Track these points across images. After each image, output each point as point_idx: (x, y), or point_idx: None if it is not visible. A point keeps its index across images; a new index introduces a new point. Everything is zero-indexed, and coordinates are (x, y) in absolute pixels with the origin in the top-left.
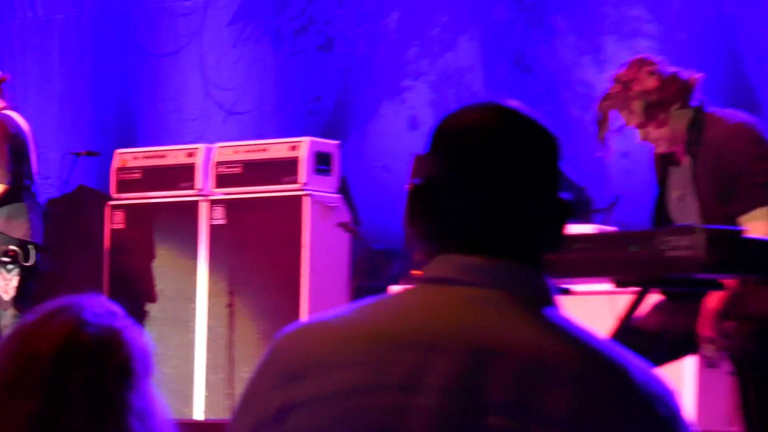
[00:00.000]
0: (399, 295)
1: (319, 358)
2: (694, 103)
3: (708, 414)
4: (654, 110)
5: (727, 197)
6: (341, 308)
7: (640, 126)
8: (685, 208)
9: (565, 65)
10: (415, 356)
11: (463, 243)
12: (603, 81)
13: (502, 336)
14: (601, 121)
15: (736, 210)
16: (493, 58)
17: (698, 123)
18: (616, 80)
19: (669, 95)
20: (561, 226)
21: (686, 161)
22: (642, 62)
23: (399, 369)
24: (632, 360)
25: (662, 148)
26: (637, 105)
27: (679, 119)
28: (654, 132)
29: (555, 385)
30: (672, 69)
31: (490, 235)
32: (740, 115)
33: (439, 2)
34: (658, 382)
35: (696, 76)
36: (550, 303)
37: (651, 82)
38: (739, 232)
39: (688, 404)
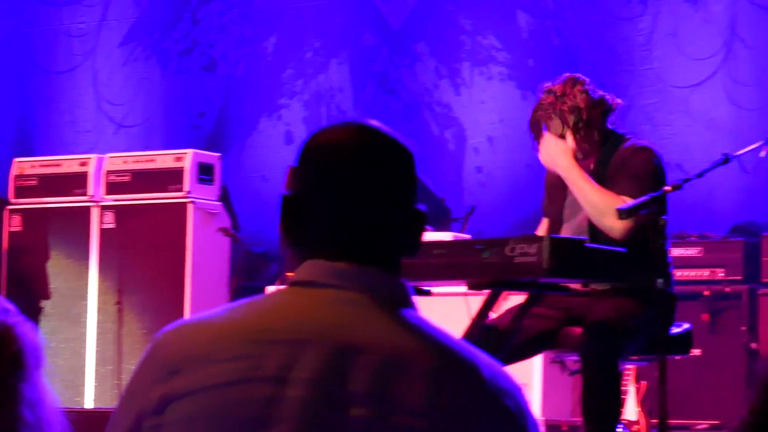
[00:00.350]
0: (270, 296)
1: (196, 353)
2: (610, 124)
3: (553, 407)
4: (580, 125)
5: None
6: (218, 308)
7: (561, 137)
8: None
9: (425, 87)
10: (285, 351)
11: (328, 249)
12: (459, 103)
13: (363, 334)
14: (535, 127)
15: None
16: (360, 80)
17: (612, 143)
18: (550, 92)
19: (595, 115)
20: (417, 234)
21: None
22: (575, 81)
23: (270, 363)
24: (482, 357)
25: (576, 159)
26: (567, 118)
27: (597, 137)
28: (573, 143)
29: (411, 379)
30: (599, 92)
31: (352, 242)
32: (645, 141)
33: (313, 28)
34: (505, 378)
35: (617, 101)
36: (408, 304)
37: (581, 100)
38: (583, 241)
39: (535, 398)
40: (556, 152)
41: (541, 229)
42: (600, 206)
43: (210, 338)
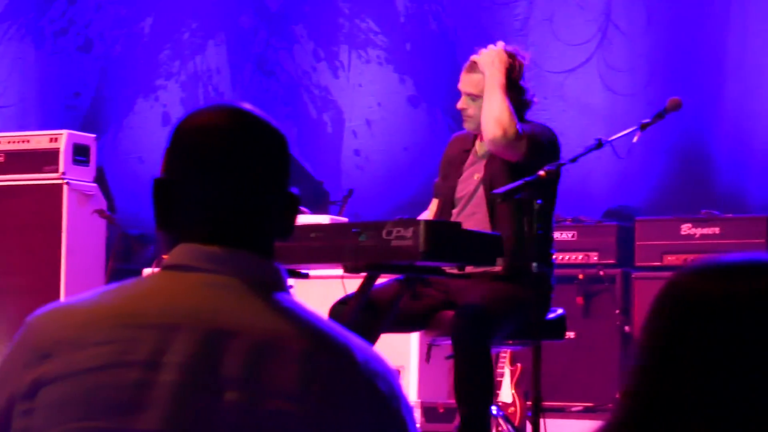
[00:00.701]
0: (141, 280)
1: (66, 338)
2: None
3: (430, 389)
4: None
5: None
6: (90, 292)
7: (474, 98)
8: (472, 185)
9: (304, 70)
10: (156, 336)
11: (200, 233)
12: (338, 86)
13: (235, 318)
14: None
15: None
16: (238, 62)
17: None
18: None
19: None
20: (290, 217)
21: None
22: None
23: (142, 348)
24: (355, 341)
25: (470, 125)
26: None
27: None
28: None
29: (283, 363)
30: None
31: (223, 226)
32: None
33: (189, 9)
34: (379, 362)
35: (536, 99)
36: (281, 288)
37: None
38: (458, 225)
39: (411, 380)
40: (498, 60)
41: (430, 211)
42: (501, 117)
43: (81, 322)
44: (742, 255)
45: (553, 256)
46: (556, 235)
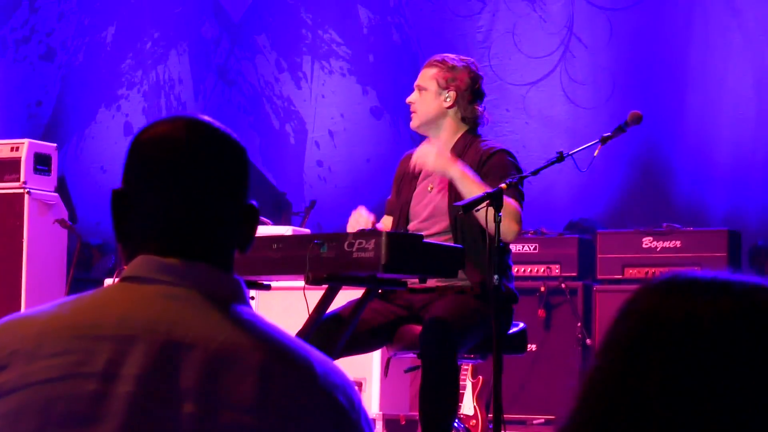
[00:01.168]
0: (99, 291)
1: (23, 349)
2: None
3: (391, 401)
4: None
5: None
6: (47, 303)
7: (421, 90)
8: (431, 198)
9: (266, 80)
10: (113, 347)
11: (158, 245)
12: (300, 96)
13: (192, 330)
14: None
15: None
16: (200, 72)
17: (468, 140)
18: (458, 59)
19: (465, 105)
20: (249, 229)
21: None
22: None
23: (98, 359)
24: (314, 353)
25: (414, 122)
26: (442, 80)
27: (455, 123)
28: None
29: (241, 375)
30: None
31: (180, 237)
32: (501, 144)
33: (152, 19)
34: (338, 374)
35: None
36: (240, 300)
37: (466, 82)
38: (420, 237)
39: (373, 393)
40: (437, 153)
41: (384, 227)
42: (515, 215)
43: (37, 333)
44: (704, 273)
45: (512, 269)
46: (519, 247)
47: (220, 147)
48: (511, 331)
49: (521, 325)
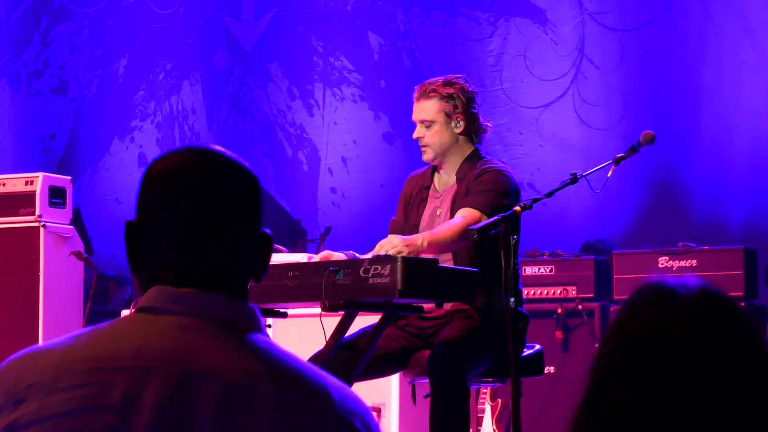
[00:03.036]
0: (114, 323)
1: (40, 382)
2: (478, 143)
3: (410, 426)
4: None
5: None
6: (63, 335)
7: (428, 124)
8: (437, 222)
9: (279, 109)
10: (130, 379)
11: (172, 275)
12: (313, 124)
13: (208, 360)
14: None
15: (463, 204)
16: (213, 101)
17: (473, 161)
18: (449, 83)
19: (472, 125)
20: (262, 258)
21: (445, 187)
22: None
23: (115, 391)
24: (331, 380)
25: (428, 156)
26: (448, 108)
27: (464, 146)
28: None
29: (258, 404)
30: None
31: (193, 268)
32: (499, 163)
33: (164, 50)
34: (355, 401)
35: (489, 125)
36: (255, 329)
37: (466, 103)
38: (435, 262)
39: (393, 418)
40: (400, 244)
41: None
42: (459, 237)
43: (54, 366)
44: (686, 281)
45: (522, 293)
46: (535, 269)
47: (232, 176)
48: (526, 353)
49: (537, 347)
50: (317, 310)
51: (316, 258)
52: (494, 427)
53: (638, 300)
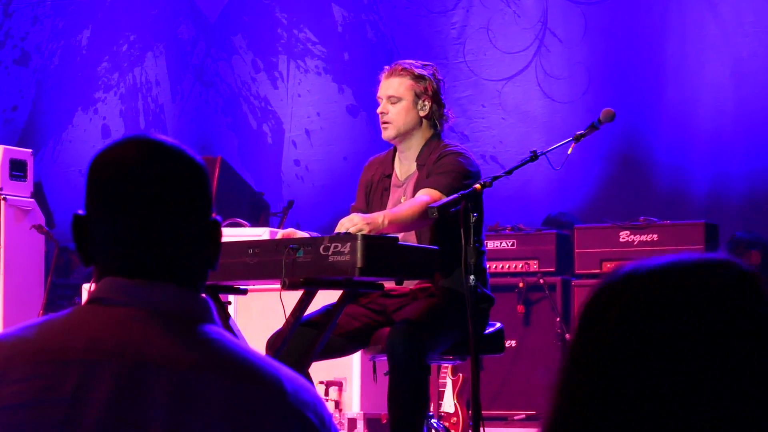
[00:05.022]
0: (65, 314)
1: None
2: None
3: (372, 401)
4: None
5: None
6: (15, 326)
7: (394, 101)
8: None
9: (243, 81)
10: (80, 372)
11: (123, 267)
12: (277, 96)
13: (158, 352)
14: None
15: (423, 185)
16: (177, 73)
17: (433, 146)
18: (423, 66)
19: (437, 111)
20: (213, 247)
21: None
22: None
23: (66, 384)
24: (284, 371)
25: (389, 133)
26: (419, 89)
27: (425, 131)
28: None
29: (209, 395)
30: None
31: (142, 259)
32: (460, 147)
33: (127, 21)
34: (307, 391)
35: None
36: (207, 320)
37: (435, 89)
38: (395, 240)
39: (354, 392)
40: (361, 222)
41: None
42: (420, 216)
43: (3, 358)
44: (665, 259)
45: (487, 272)
46: (496, 243)
47: (178, 166)
48: (488, 330)
49: (498, 325)
50: (278, 285)
51: (279, 235)
52: (455, 401)
53: (609, 284)
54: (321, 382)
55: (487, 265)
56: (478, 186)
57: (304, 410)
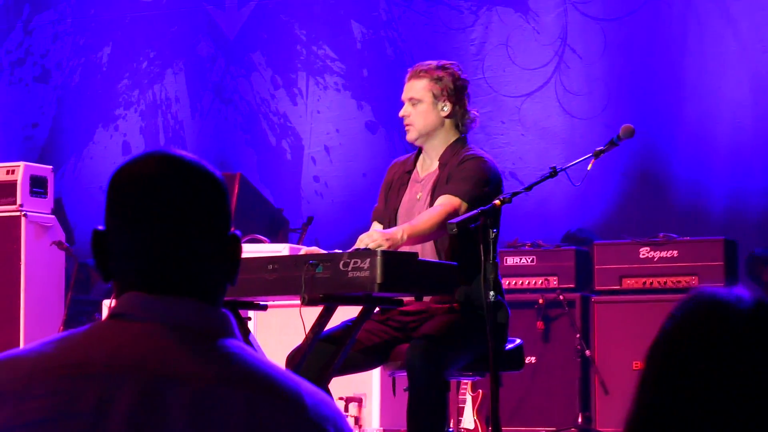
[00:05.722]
0: (87, 329)
1: (12, 389)
2: (464, 132)
3: (392, 417)
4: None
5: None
6: (37, 341)
7: (415, 102)
8: (420, 207)
9: (262, 97)
10: (101, 386)
11: (140, 282)
12: (296, 113)
13: (179, 366)
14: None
15: (443, 192)
16: (197, 90)
17: (457, 148)
18: (441, 67)
19: (459, 111)
20: (232, 261)
21: (427, 172)
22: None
23: (88, 399)
24: (304, 385)
25: (412, 135)
26: (437, 90)
27: (449, 131)
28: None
29: (230, 410)
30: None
31: (164, 275)
32: (483, 152)
33: (147, 38)
34: (328, 406)
35: (477, 113)
36: (228, 334)
37: (455, 88)
38: (415, 255)
39: (374, 409)
40: (380, 238)
41: None
42: (439, 227)
43: (26, 374)
44: (739, 292)
45: (503, 284)
46: (516, 260)
47: (197, 182)
48: (507, 347)
49: (517, 341)
50: (298, 301)
51: (302, 252)
52: (475, 417)
53: (690, 314)
54: (341, 398)
55: (501, 279)
56: (497, 202)
57: (325, 424)
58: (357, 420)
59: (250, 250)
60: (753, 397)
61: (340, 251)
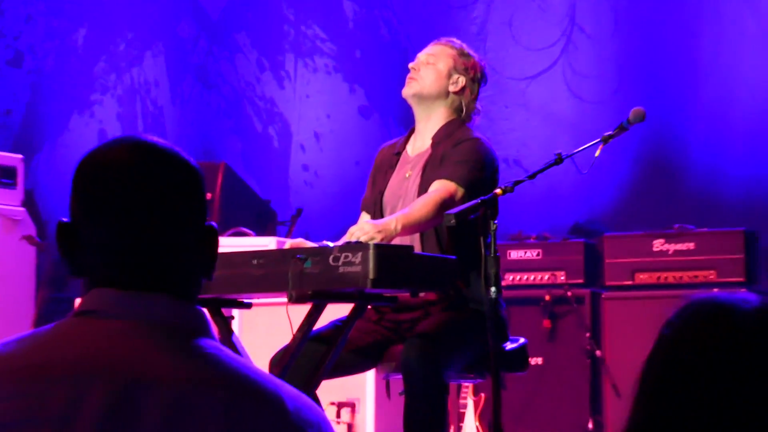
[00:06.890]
0: (53, 328)
1: None
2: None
3: (386, 421)
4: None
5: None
6: (1, 341)
7: (430, 60)
8: (408, 188)
9: (247, 81)
10: (69, 389)
11: (110, 277)
12: (284, 97)
13: (152, 367)
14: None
15: (438, 176)
16: (177, 74)
17: (454, 124)
18: (470, 53)
19: (469, 96)
20: (208, 254)
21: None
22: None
23: (54, 402)
24: (286, 388)
25: (410, 89)
26: (459, 63)
27: (449, 109)
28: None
29: (207, 414)
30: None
31: (136, 269)
32: (479, 134)
33: (125, 19)
34: (310, 410)
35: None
36: (203, 333)
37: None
38: (410, 249)
39: (368, 413)
40: (372, 230)
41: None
42: (435, 214)
43: None
44: (744, 296)
45: (508, 278)
46: (521, 253)
47: (171, 170)
48: (510, 347)
49: (521, 340)
50: (284, 299)
51: (287, 245)
52: (477, 422)
53: (692, 318)
54: (332, 403)
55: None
56: (499, 191)
57: (307, 429)
58: (350, 427)
59: (235, 244)
60: (765, 403)
61: (330, 244)
